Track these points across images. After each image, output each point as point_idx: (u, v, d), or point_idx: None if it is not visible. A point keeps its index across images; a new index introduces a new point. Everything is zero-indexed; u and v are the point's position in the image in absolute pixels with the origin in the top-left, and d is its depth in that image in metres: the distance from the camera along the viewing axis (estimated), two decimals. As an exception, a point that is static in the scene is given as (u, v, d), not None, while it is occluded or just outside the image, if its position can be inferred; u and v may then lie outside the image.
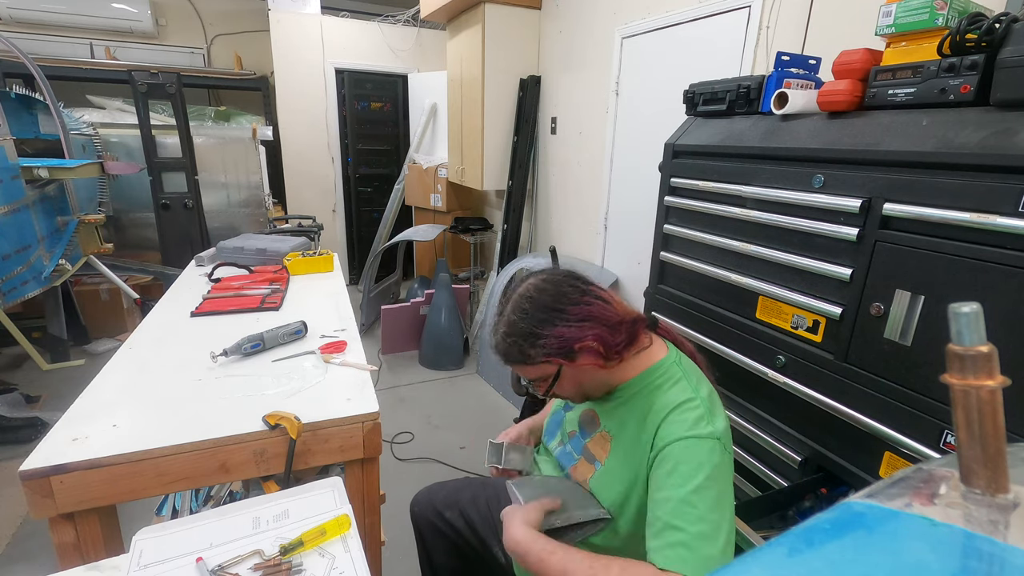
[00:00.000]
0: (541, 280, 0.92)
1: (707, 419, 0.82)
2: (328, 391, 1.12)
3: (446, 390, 3.25)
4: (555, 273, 0.94)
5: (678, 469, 0.79)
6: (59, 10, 4.14)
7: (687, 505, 0.76)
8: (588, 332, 0.86)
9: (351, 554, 0.75)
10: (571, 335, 0.86)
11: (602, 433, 0.95)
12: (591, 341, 0.86)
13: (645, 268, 1.83)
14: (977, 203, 0.91)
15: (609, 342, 0.87)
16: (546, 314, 0.87)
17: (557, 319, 0.87)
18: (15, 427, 2.52)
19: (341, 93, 4.71)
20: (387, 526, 1.31)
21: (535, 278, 0.93)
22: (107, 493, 0.89)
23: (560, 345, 0.86)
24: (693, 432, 0.81)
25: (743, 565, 0.31)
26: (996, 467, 0.33)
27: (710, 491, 0.77)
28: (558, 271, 0.95)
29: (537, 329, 0.87)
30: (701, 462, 0.79)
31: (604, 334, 0.86)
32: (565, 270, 0.96)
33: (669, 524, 0.76)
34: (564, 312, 0.87)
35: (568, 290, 0.90)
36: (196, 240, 3.45)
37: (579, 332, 0.86)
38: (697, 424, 0.82)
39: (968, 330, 0.34)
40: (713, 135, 1.50)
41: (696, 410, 0.84)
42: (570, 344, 0.86)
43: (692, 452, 0.80)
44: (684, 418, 0.83)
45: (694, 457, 0.79)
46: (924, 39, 1.06)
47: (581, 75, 3.12)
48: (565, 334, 0.86)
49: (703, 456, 0.79)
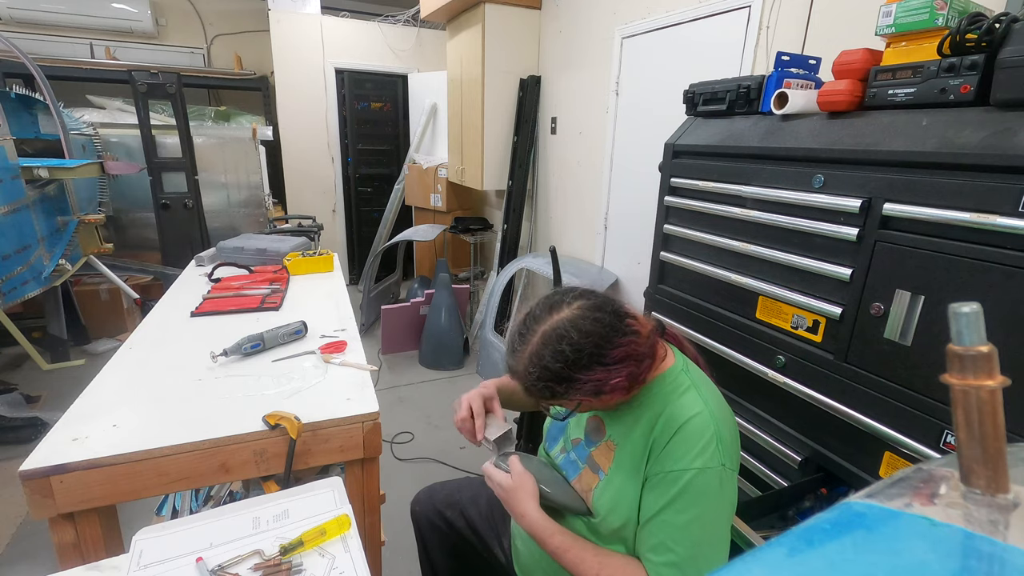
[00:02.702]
0: (580, 318, 0.83)
1: (716, 441, 0.82)
2: (328, 391, 1.12)
3: (446, 390, 3.25)
4: (596, 308, 0.85)
5: (682, 497, 0.81)
6: (59, 10, 4.14)
7: (685, 533, 0.81)
8: (622, 371, 0.82)
9: (351, 554, 0.75)
10: (606, 378, 0.82)
11: (607, 443, 0.95)
12: (622, 379, 0.83)
13: (645, 268, 1.83)
14: (977, 203, 0.91)
15: (637, 375, 0.84)
16: (586, 360, 0.81)
17: (595, 364, 0.82)
18: (15, 427, 2.53)
19: (341, 93, 4.71)
20: (387, 526, 1.31)
21: (573, 311, 0.84)
22: (107, 493, 0.89)
23: (593, 388, 0.82)
24: (701, 463, 0.81)
25: (743, 565, 0.31)
26: (996, 467, 0.33)
27: (708, 520, 0.81)
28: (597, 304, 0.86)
29: (573, 373, 0.82)
30: (705, 493, 0.81)
31: (634, 370, 0.84)
32: (603, 299, 0.88)
33: (666, 545, 0.81)
34: (604, 357, 0.82)
35: (609, 332, 0.83)
36: (196, 240, 3.45)
37: (614, 374, 0.82)
38: (706, 451, 0.81)
39: (968, 330, 0.34)
40: (713, 135, 1.50)
41: (707, 430, 0.83)
42: (602, 387, 0.82)
43: (698, 484, 0.81)
44: (694, 442, 0.82)
45: (699, 489, 0.81)
46: (924, 39, 1.06)
47: (581, 75, 3.12)
48: (600, 378, 0.82)
49: (708, 487, 0.81)
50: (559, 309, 0.85)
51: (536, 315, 0.86)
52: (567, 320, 0.83)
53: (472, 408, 1.04)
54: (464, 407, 1.05)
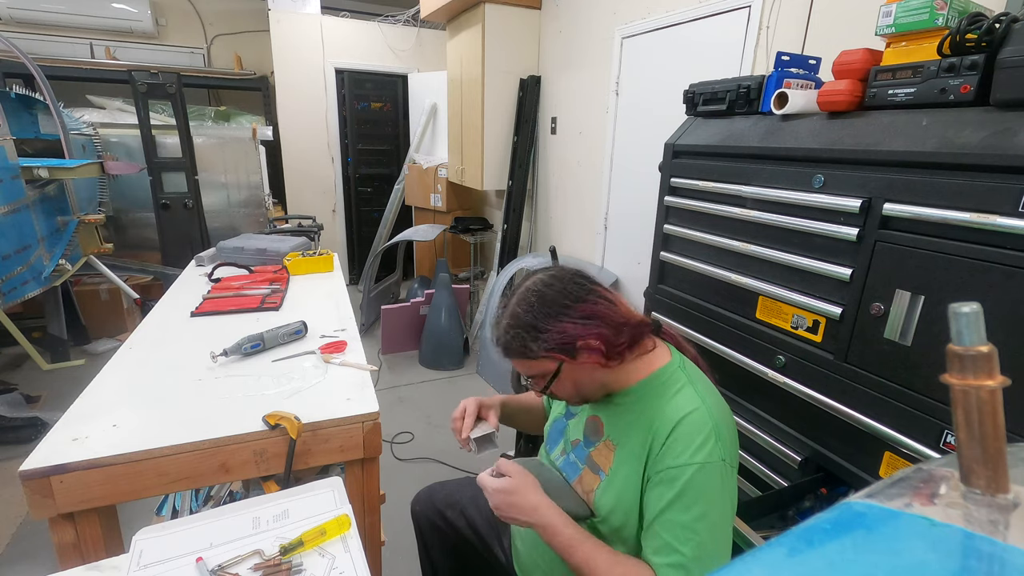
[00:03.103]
0: (548, 276, 0.92)
1: (714, 437, 0.82)
2: (328, 391, 1.12)
3: (446, 390, 3.25)
4: (563, 270, 0.94)
5: (685, 494, 0.80)
6: (59, 10, 4.15)
7: (690, 532, 0.80)
8: (592, 330, 0.86)
9: (351, 554, 0.75)
10: (574, 331, 0.86)
11: (606, 443, 0.95)
12: (593, 340, 0.86)
13: (645, 268, 1.83)
14: (977, 203, 0.91)
15: (612, 342, 0.87)
16: (551, 308, 0.87)
17: (562, 314, 0.87)
18: (15, 427, 2.53)
19: (341, 93, 4.71)
20: (387, 526, 1.31)
21: (543, 273, 0.94)
22: (107, 493, 0.89)
23: (562, 341, 0.86)
24: (702, 457, 0.81)
25: (743, 565, 0.31)
26: (996, 467, 0.33)
27: (712, 517, 0.80)
28: (566, 268, 0.95)
29: (541, 323, 0.87)
30: (707, 489, 0.80)
31: (607, 333, 0.86)
32: (573, 268, 0.96)
33: (671, 545, 0.80)
34: (569, 308, 0.87)
35: (574, 288, 0.90)
36: (196, 240, 3.45)
37: (583, 330, 0.86)
38: (705, 446, 0.81)
39: (968, 330, 0.34)
40: (713, 135, 1.50)
41: (704, 426, 0.83)
42: (572, 341, 0.86)
43: (700, 479, 0.80)
44: (693, 438, 0.82)
45: (701, 485, 0.80)
46: (924, 39, 1.06)
47: (581, 75, 3.12)
48: (568, 330, 0.86)
49: (710, 483, 0.81)
50: (532, 275, 0.95)
51: (512, 287, 0.95)
52: (538, 279, 0.93)
53: (465, 410, 1.12)
54: (459, 408, 1.12)
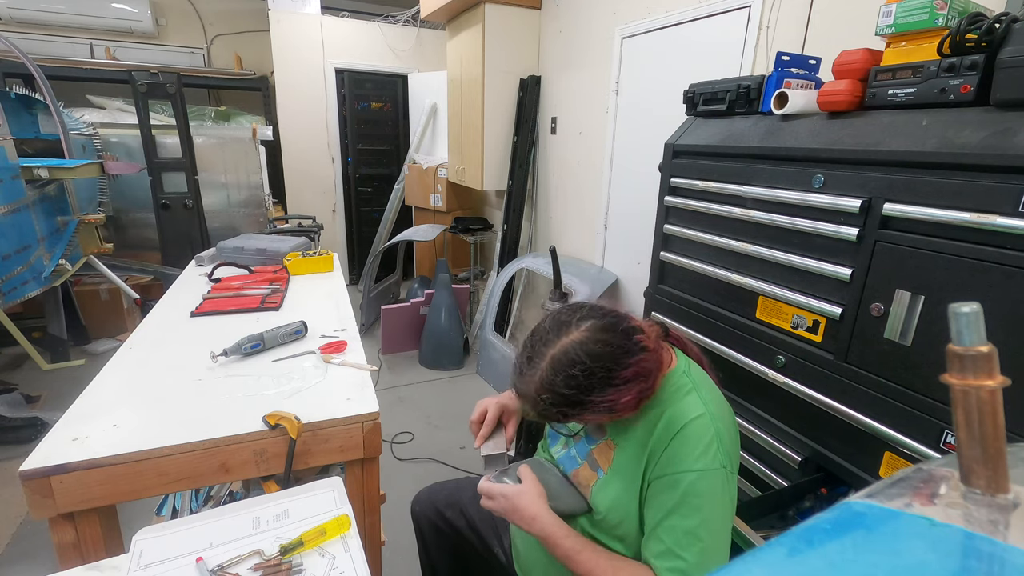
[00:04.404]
0: (591, 339, 0.81)
1: (716, 443, 0.82)
2: (328, 391, 1.12)
3: (446, 390, 3.25)
4: (605, 330, 0.83)
5: (688, 501, 0.80)
6: (59, 10, 4.14)
7: (693, 538, 0.79)
8: (632, 390, 0.82)
9: (351, 554, 0.75)
10: (617, 398, 0.81)
11: (607, 441, 0.95)
12: (632, 396, 0.82)
13: (645, 268, 1.83)
14: (977, 203, 0.91)
15: (646, 390, 0.83)
16: (597, 383, 0.80)
17: (607, 386, 0.81)
18: (15, 427, 2.52)
19: (341, 93, 4.71)
20: (387, 526, 1.31)
21: (582, 332, 0.82)
22: (107, 493, 0.89)
23: (606, 408, 0.82)
24: (704, 464, 0.81)
25: (743, 565, 0.31)
26: (996, 467, 0.33)
27: (714, 524, 0.81)
28: (606, 323, 0.84)
29: (585, 397, 0.81)
30: (709, 496, 0.80)
31: (644, 386, 0.83)
32: (612, 318, 0.85)
33: (673, 551, 0.80)
34: (615, 378, 0.81)
35: (620, 353, 0.81)
36: (196, 240, 3.45)
37: (626, 391, 0.81)
38: (707, 452, 0.81)
39: (968, 330, 0.34)
40: (713, 135, 1.50)
41: (707, 432, 0.83)
42: (614, 406, 0.82)
43: (702, 486, 0.80)
44: (695, 444, 0.82)
45: (703, 491, 0.80)
46: (924, 39, 1.06)
47: (581, 75, 3.11)
48: (612, 399, 0.81)
49: (712, 489, 0.81)
50: (568, 331, 0.83)
51: (545, 337, 0.84)
52: (577, 343, 0.81)
53: (486, 415, 1.07)
54: (479, 411, 1.08)
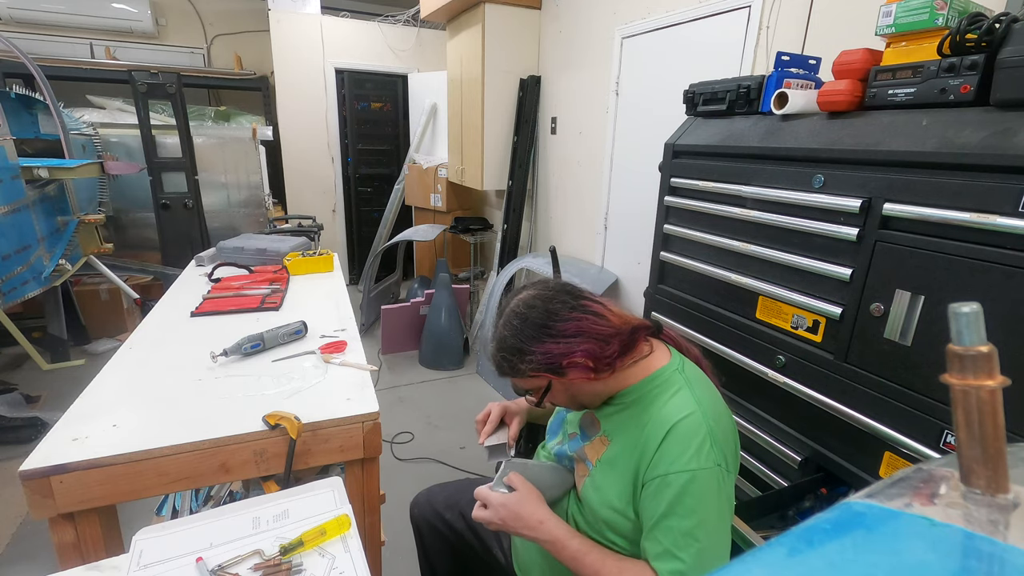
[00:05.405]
0: (532, 296, 0.92)
1: (709, 441, 0.82)
2: (328, 391, 1.12)
3: (446, 390, 3.25)
4: (547, 288, 0.94)
5: (683, 501, 0.80)
6: (59, 10, 4.14)
7: (690, 538, 0.80)
8: (577, 348, 0.86)
9: (351, 554, 0.75)
10: (558, 351, 0.86)
11: (600, 438, 0.95)
12: (580, 356, 0.86)
13: (645, 268, 1.83)
14: (977, 203, 0.91)
15: (599, 355, 0.86)
16: (534, 331, 0.88)
17: (545, 336, 0.87)
18: (15, 427, 2.52)
19: (341, 93, 4.71)
20: (387, 526, 1.31)
21: (528, 292, 0.94)
22: (107, 493, 0.89)
23: (547, 361, 0.87)
24: (697, 464, 0.81)
25: (743, 565, 0.31)
26: (996, 467, 0.33)
27: (711, 523, 0.81)
28: (551, 284, 0.95)
29: (525, 345, 0.88)
30: (705, 495, 0.80)
31: (594, 348, 0.86)
32: (559, 283, 0.96)
33: (671, 552, 0.80)
34: (552, 328, 0.88)
35: (557, 306, 0.89)
36: (196, 240, 3.45)
37: (567, 348, 0.86)
38: (700, 451, 0.81)
39: (968, 330, 0.34)
40: (713, 135, 1.50)
41: (698, 431, 0.83)
42: (558, 360, 0.87)
43: (697, 486, 0.80)
44: (687, 443, 0.82)
45: (698, 491, 0.80)
46: (924, 39, 1.06)
47: (581, 75, 3.12)
48: (552, 350, 0.87)
49: (707, 489, 0.81)
50: (518, 293, 0.95)
51: (503, 303, 0.97)
52: (522, 300, 0.92)
53: (490, 414, 1.16)
54: (484, 411, 1.18)
